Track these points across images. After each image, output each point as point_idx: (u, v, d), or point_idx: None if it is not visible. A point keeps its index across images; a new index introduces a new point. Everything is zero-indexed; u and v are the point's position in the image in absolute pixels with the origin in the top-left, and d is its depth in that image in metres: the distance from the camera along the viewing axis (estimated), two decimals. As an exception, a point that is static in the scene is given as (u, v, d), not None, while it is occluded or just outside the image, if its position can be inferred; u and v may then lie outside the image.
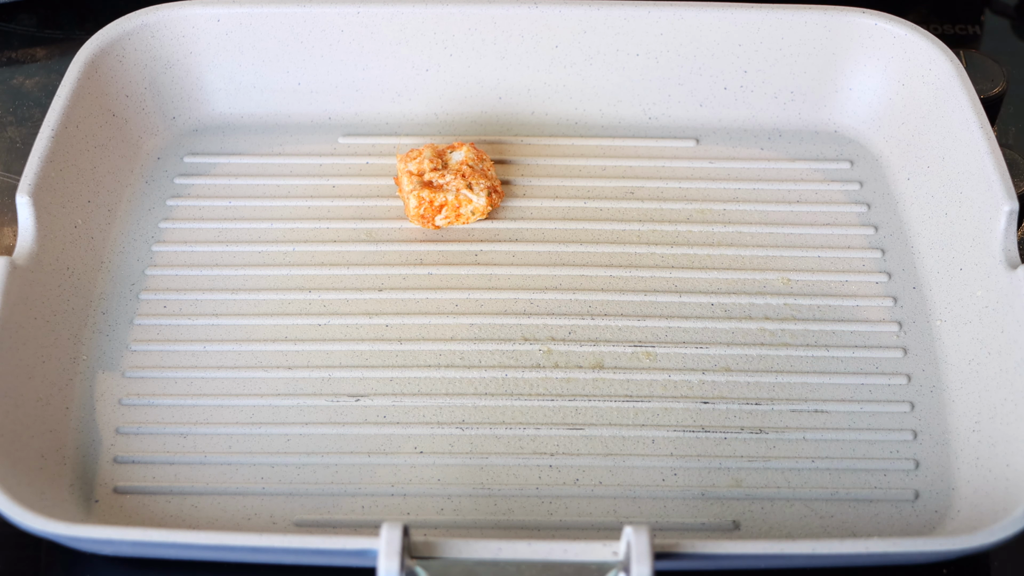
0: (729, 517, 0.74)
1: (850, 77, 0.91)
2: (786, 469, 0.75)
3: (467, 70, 0.92)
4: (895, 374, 0.80)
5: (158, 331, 0.81)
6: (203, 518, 0.73)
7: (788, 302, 0.83)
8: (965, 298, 0.80)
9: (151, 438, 0.76)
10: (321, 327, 0.81)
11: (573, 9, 0.90)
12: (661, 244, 0.86)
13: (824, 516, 0.74)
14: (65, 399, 0.77)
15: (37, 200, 0.79)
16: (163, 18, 0.89)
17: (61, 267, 0.80)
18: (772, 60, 0.91)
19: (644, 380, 0.79)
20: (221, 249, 0.85)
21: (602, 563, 0.65)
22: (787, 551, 0.66)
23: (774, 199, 0.89)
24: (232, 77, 0.91)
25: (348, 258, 0.85)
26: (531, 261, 0.85)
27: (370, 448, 0.76)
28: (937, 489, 0.75)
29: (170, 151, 0.91)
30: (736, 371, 0.79)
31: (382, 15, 0.90)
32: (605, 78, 0.92)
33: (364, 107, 0.92)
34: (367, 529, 0.73)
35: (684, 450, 0.76)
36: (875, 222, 0.87)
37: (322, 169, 0.90)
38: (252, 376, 0.79)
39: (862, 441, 0.77)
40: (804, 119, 0.92)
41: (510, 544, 0.65)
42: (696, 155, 0.91)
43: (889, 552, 0.66)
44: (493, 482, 0.75)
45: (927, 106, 0.87)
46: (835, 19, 0.90)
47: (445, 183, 0.85)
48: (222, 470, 0.75)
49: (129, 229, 0.86)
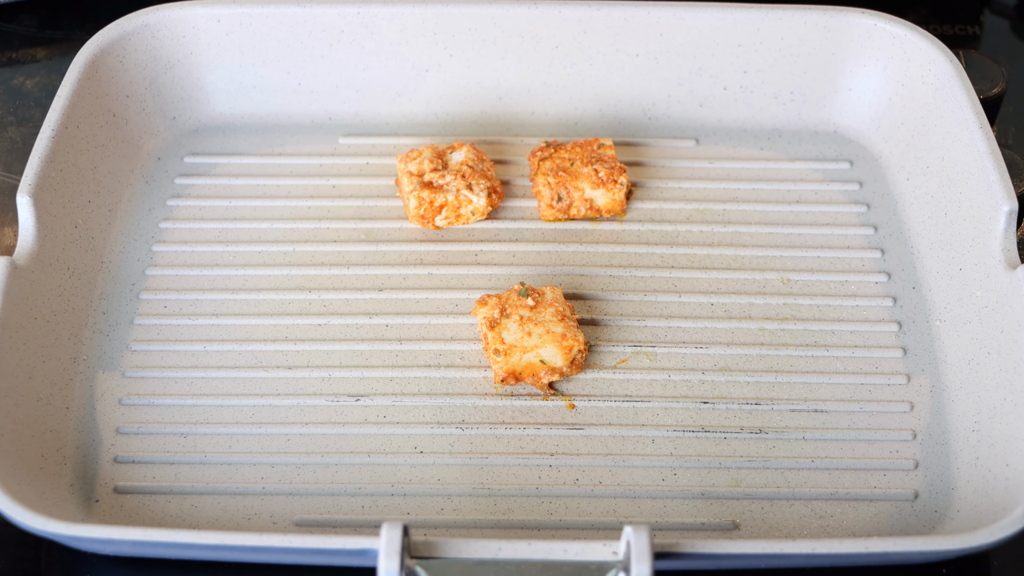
0: (729, 517, 0.74)
1: (850, 77, 0.91)
2: (786, 469, 0.75)
3: (467, 70, 0.92)
4: (895, 374, 0.80)
5: (158, 331, 0.81)
6: (203, 518, 0.73)
7: (788, 302, 0.83)
8: (964, 298, 0.80)
9: (151, 438, 0.76)
10: (321, 327, 0.81)
11: (573, 9, 0.90)
12: (661, 244, 0.86)
13: (824, 516, 0.74)
14: (65, 399, 0.77)
15: (37, 200, 0.79)
16: (163, 18, 0.89)
17: (61, 267, 0.80)
18: (772, 60, 0.91)
19: (644, 380, 0.79)
20: (221, 249, 0.85)
21: (602, 563, 0.65)
22: (787, 551, 0.66)
23: (774, 199, 0.89)
24: (232, 77, 0.92)
25: (348, 258, 0.85)
26: (531, 261, 0.85)
27: (370, 448, 0.76)
28: (937, 489, 0.75)
29: (170, 151, 0.91)
30: (736, 371, 0.80)
31: (382, 15, 0.90)
32: (605, 78, 0.92)
33: (364, 107, 0.92)
34: (367, 529, 0.73)
35: (684, 450, 0.76)
36: (875, 222, 0.87)
37: (322, 169, 0.90)
38: (252, 376, 0.79)
39: (861, 441, 0.77)
40: (804, 119, 0.92)
41: (510, 544, 0.65)
42: (696, 155, 0.91)
43: (889, 552, 0.66)
44: (493, 482, 0.75)
45: (927, 106, 0.87)
46: (835, 19, 0.90)
47: (445, 183, 0.85)
48: (222, 470, 0.75)
49: (129, 229, 0.86)
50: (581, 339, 0.78)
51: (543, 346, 0.77)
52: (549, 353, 0.77)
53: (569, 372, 0.78)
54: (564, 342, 0.77)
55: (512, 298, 0.79)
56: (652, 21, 0.90)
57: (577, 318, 0.80)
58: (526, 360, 0.77)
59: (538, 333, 0.78)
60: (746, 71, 0.91)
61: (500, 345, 0.77)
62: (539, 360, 0.77)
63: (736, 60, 0.91)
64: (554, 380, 0.78)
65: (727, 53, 0.91)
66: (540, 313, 0.79)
